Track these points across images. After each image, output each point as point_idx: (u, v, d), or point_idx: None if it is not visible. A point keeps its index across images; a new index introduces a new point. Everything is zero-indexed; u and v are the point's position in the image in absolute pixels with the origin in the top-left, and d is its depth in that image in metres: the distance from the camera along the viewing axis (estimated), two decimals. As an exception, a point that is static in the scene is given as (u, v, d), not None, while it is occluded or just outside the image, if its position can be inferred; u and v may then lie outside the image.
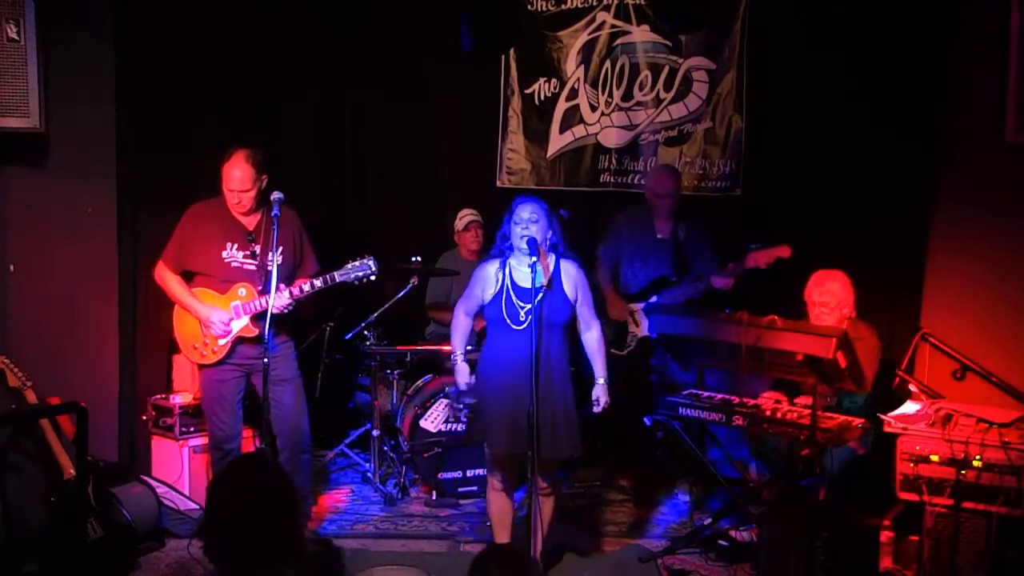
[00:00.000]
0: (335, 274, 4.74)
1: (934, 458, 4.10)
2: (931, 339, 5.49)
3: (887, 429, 4.24)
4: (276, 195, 4.62)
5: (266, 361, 4.50)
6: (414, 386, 5.94)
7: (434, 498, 5.66)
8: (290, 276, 4.80)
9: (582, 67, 6.56)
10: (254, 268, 4.74)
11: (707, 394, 4.73)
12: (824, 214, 6.01)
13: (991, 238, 5.27)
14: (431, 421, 5.65)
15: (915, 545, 4.21)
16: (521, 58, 6.59)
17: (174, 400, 5.51)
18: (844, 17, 5.90)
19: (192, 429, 5.47)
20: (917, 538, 4.19)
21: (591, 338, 4.55)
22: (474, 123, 6.66)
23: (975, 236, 5.38)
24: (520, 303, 4.33)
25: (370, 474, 5.98)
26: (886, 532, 4.25)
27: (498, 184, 6.65)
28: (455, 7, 6.16)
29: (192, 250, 4.78)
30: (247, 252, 4.75)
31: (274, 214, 4.58)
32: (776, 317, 4.23)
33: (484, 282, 4.45)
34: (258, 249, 4.73)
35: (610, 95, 6.57)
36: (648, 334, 5.62)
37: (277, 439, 4.83)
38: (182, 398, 5.52)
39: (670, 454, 5.88)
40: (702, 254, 5.76)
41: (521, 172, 6.66)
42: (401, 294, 5.86)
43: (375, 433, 5.86)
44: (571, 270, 4.46)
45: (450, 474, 5.67)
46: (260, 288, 4.70)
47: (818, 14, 5.98)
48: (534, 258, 4.24)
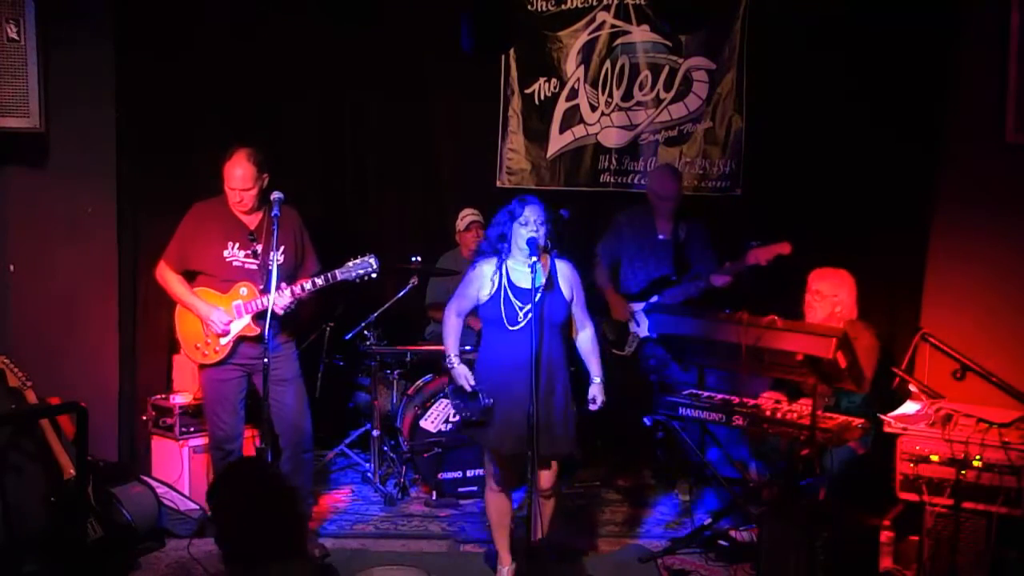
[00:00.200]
0: (336, 272, 4.73)
1: (934, 458, 4.10)
2: (931, 339, 5.49)
3: (887, 429, 4.24)
4: (276, 195, 4.63)
5: (266, 361, 4.51)
6: (414, 386, 5.94)
7: (434, 498, 5.66)
8: (292, 275, 4.79)
9: (582, 67, 6.56)
10: (255, 267, 4.74)
11: (707, 394, 4.73)
12: (824, 214, 6.02)
13: (991, 238, 5.27)
14: (431, 421, 5.65)
15: (915, 545, 4.20)
16: (521, 58, 6.59)
17: (174, 400, 5.51)
18: (844, 17, 5.90)
19: (192, 429, 5.46)
20: (917, 538, 4.19)
21: (585, 338, 4.55)
22: (474, 123, 6.65)
23: (975, 236, 5.38)
24: (518, 303, 4.32)
25: (370, 474, 5.98)
26: (886, 532, 4.25)
27: (498, 184, 6.65)
28: (455, 7, 6.16)
29: (194, 250, 4.78)
30: (249, 251, 4.75)
31: (274, 214, 4.58)
32: (776, 317, 4.23)
33: (479, 282, 4.42)
34: (259, 248, 4.73)
35: (610, 95, 6.56)
36: (649, 334, 5.62)
37: (279, 439, 4.85)
38: (182, 398, 5.52)
39: (670, 454, 5.89)
40: (702, 254, 5.76)
41: (521, 172, 6.66)
42: (401, 294, 5.87)
43: (375, 433, 5.87)
44: (566, 270, 4.46)
45: (450, 474, 5.67)
46: (262, 287, 4.70)
47: (818, 14, 5.98)
48: (534, 258, 4.23)
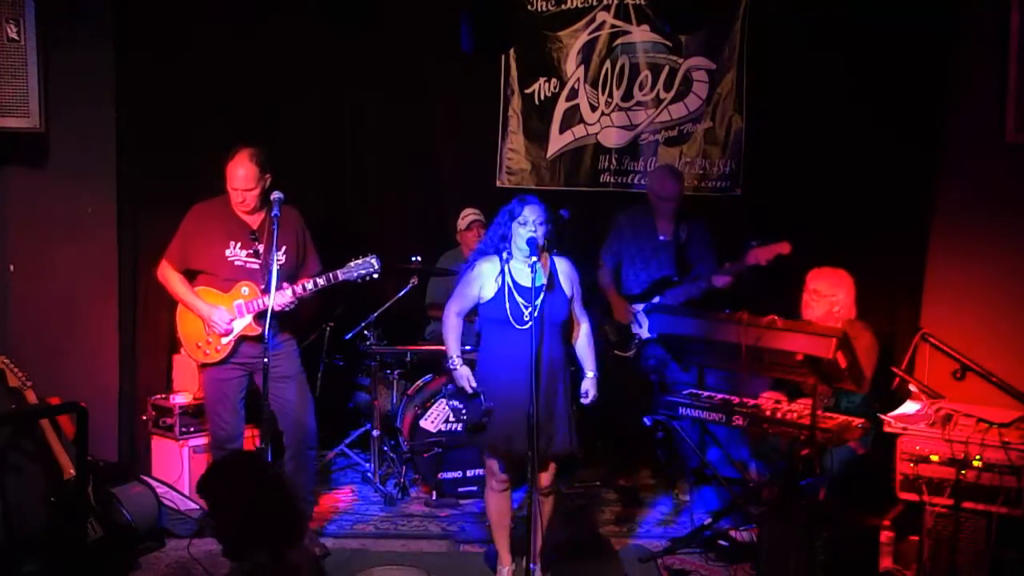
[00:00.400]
0: (338, 272, 4.74)
1: (934, 458, 4.09)
2: (931, 339, 5.49)
3: (887, 429, 4.24)
4: (276, 195, 4.63)
5: (266, 360, 4.51)
6: (414, 386, 5.94)
7: (434, 498, 5.66)
8: (293, 275, 4.80)
9: (582, 67, 6.55)
10: (257, 267, 4.74)
11: (707, 394, 4.73)
12: (824, 214, 6.01)
13: (991, 238, 5.27)
14: (431, 421, 5.65)
15: (915, 545, 4.20)
16: (521, 58, 6.58)
17: (174, 400, 5.51)
18: (844, 17, 5.89)
19: (192, 429, 5.47)
20: (917, 538, 4.19)
21: (581, 333, 4.55)
22: (474, 123, 6.64)
23: (975, 236, 5.38)
24: (524, 303, 4.31)
25: (370, 474, 5.98)
26: (886, 532, 4.25)
27: (498, 184, 6.64)
28: (455, 7, 6.15)
29: (195, 249, 4.79)
30: (250, 251, 4.75)
31: (274, 214, 4.58)
32: (776, 317, 4.23)
33: (480, 281, 4.41)
34: (261, 248, 4.73)
35: (610, 95, 6.56)
36: (649, 335, 5.62)
37: (283, 436, 4.85)
38: (182, 398, 5.52)
39: (670, 454, 5.89)
40: (704, 254, 5.75)
41: (521, 172, 6.66)
42: (401, 294, 5.86)
43: (375, 433, 5.87)
44: (566, 267, 4.47)
45: (450, 474, 5.67)
46: (263, 287, 4.70)
47: (818, 14, 5.97)
48: (534, 258, 4.24)
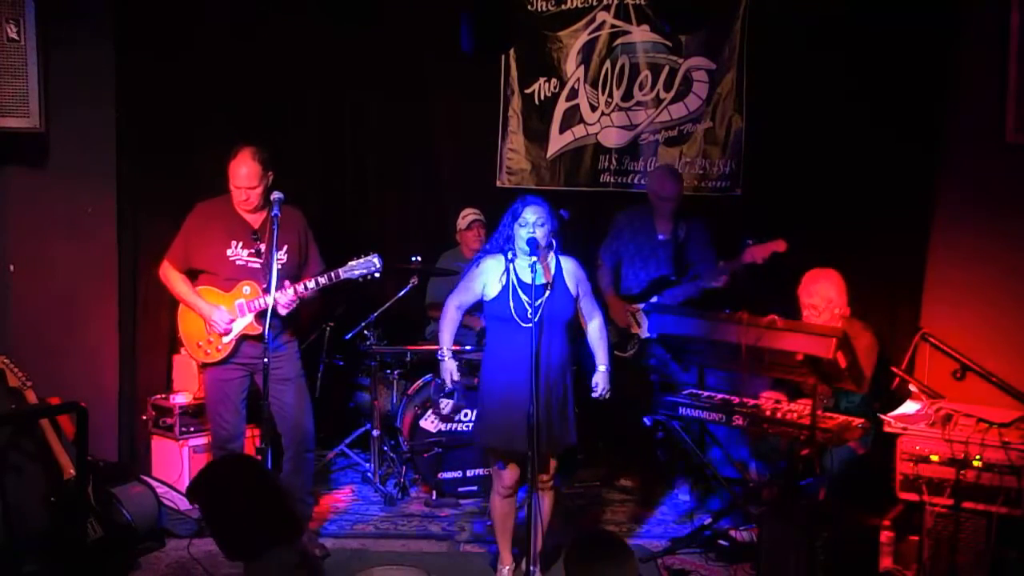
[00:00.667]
0: (340, 271, 4.74)
1: (934, 458, 4.09)
2: (931, 339, 5.50)
3: (887, 429, 4.24)
4: (276, 195, 4.63)
5: (266, 360, 4.51)
6: (414, 386, 5.94)
7: (434, 498, 5.66)
8: (295, 275, 4.79)
9: (582, 67, 6.55)
10: (259, 266, 4.74)
11: (707, 394, 4.73)
12: (824, 214, 6.01)
13: (991, 238, 5.28)
14: (431, 421, 5.65)
15: (915, 545, 4.20)
16: (521, 58, 6.58)
17: (174, 400, 5.51)
18: (844, 17, 5.89)
19: (192, 429, 5.47)
20: (917, 538, 4.19)
21: (594, 327, 4.58)
22: (474, 123, 6.64)
23: (975, 236, 5.38)
24: (528, 301, 4.32)
25: (370, 474, 5.98)
26: (886, 532, 4.25)
27: (498, 184, 6.65)
28: (455, 7, 6.15)
29: (197, 249, 4.79)
30: (252, 250, 4.75)
31: (274, 214, 4.58)
32: (776, 317, 4.23)
33: (484, 278, 4.43)
34: (263, 247, 4.73)
35: (610, 95, 6.56)
36: (649, 335, 5.62)
37: (282, 438, 4.85)
38: (182, 398, 5.53)
39: (670, 454, 5.89)
40: (703, 253, 5.75)
41: (521, 172, 6.66)
42: (401, 294, 5.86)
43: (375, 433, 5.87)
44: (571, 266, 4.48)
45: (450, 474, 5.67)
46: (265, 286, 4.69)
47: (818, 14, 5.97)
48: (534, 258, 4.25)
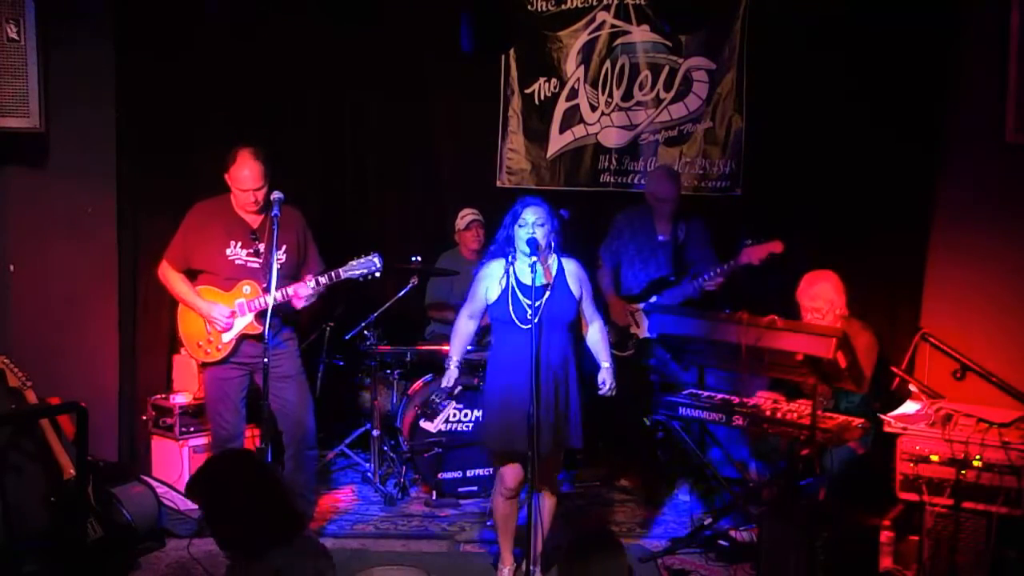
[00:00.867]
0: (340, 270, 4.74)
1: (934, 458, 4.09)
2: (931, 339, 5.50)
3: (887, 429, 4.24)
4: (276, 195, 4.63)
5: (266, 360, 4.51)
6: (414, 386, 5.94)
7: (434, 498, 5.66)
8: (294, 274, 4.80)
9: (582, 67, 6.55)
10: (258, 266, 4.74)
11: (707, 394, 4.73)
12: (824, 214, 6.01)
13: (991, 238, 5.28)
14: (431, 421, 5.65)
15: (915, 545, 4.20)
16: (521, 58, 6.58)
17: (174, 400, 5.51)
18: (844, 17, 5.89)
19: (192, 429, 5.47)
20: (917, 538, 4.19)
21: (594, 331, 4.57)
22: (474, 123, 6.64)
23: (975, 236, 5.38)
24: (527, 302, 4.31)
25: (370, 474, 5.98)
26: (886, 532, 4.24)
27: (498, 184, 6.65)
28: (455, 7, 6.15)
29: (196, 249, 4.79)
30: (251, 250, 4.76)
31: (274, 214, 4.58)
32: (776, 317, 4.23)
33: (487, 282, 4.44)
34: (262, 247, 4.74)
35: (610, 95, 6.56)
36: (649, 335, 5.62)
37: (283, 436, 4.86)
38: (182, 398, 5.52)
39: (670, 454, 5.89)
40: (703, 252, 5.75)
41: (521, 172, 6.66)
42: (401, 294, 5.86)
43: (375, 433, 5.87)
44: (573, 267, 4.47)
45: (450, 474, 5.67)
46: (264, 286, 4.70)
47: (818, 14, 5.97)
48: (534, 258, 4.25)
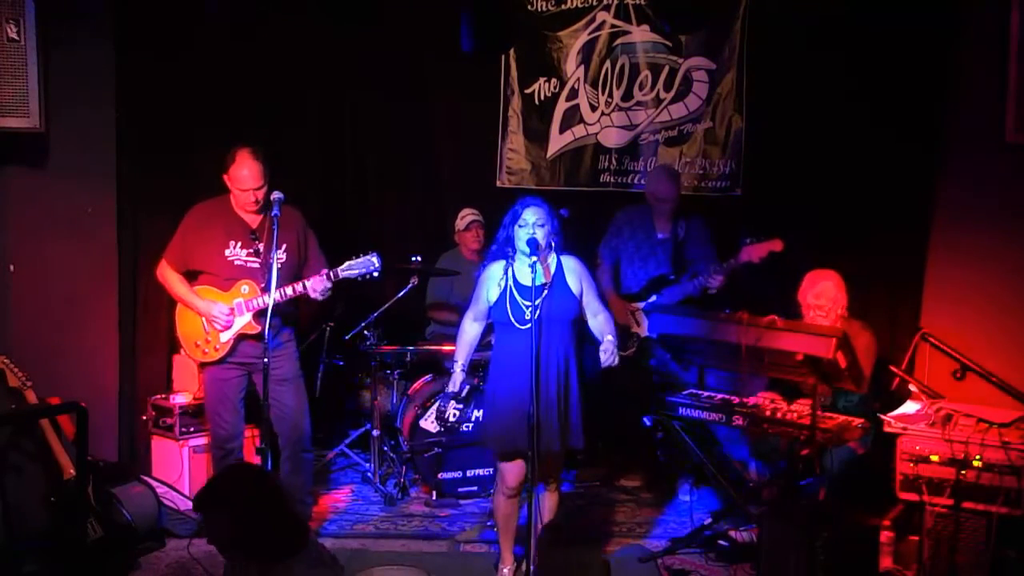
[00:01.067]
0: (338, 270, 4.74)
1: (934, 458, 4.10)
2: (931, 339, 5.50)
3: (887, 429, 4.24)
4: (276, 195, 4.63)
5: (266, 361, 4.51)
6: (414, 386, 5.94)
7: (434, 498, 5.66)
8: (294, 274, 4.80)
9: (582, 67, 6.55)
10: (257, 266, 4.75)
11: (707, 394, 4.73)
12: (824, 214, 6.01)
13: (991, 238, 5.28)
14: (431, 421, 5.64)
15: (915, 545, 4.21)
16: (521, 58, 6.58)
17: (174, 400, 5.51)
18: (844, 17, 5.89)
19: (192, 429, 5.47)
20: (917, 538, 4.20)
21: (599, 321, 4.50)
22: (474, 123, 6.64)
23: (975, 236, 5.38)
24: (525, 302, 4.31)
25: (370, 474, 5.98)
26: (886, 532, 4.25)
27: (498, 184, 6.65)
28: (455, 7, 6.14)
29: (195, 249, 4.79)
30: (250, 250, 4.76)
31: (274, 213, 4.58)
32: (776, 317, 4.23)
33: (488, 284, 4.44)
34: (261, 247, 4.74)
35: (610, 95, 6.56)
36: (649, 334, 5.62)
37: (279, 438, 4.85)
38: (182, 398, 5.52)
39: (670, 454, 5.88)
40: (703, 250, 5.75)
41: (521, 172, 6.66)
42: (401, 294, 5.86)
43: (375, 433, 5.86)
44: (572, 264, 4.47)
45: (450, 474, 5.67)
46: (263, 286, 4.70)
47: (818, 14, 5.97)
48: (534, 258, 4.25)
